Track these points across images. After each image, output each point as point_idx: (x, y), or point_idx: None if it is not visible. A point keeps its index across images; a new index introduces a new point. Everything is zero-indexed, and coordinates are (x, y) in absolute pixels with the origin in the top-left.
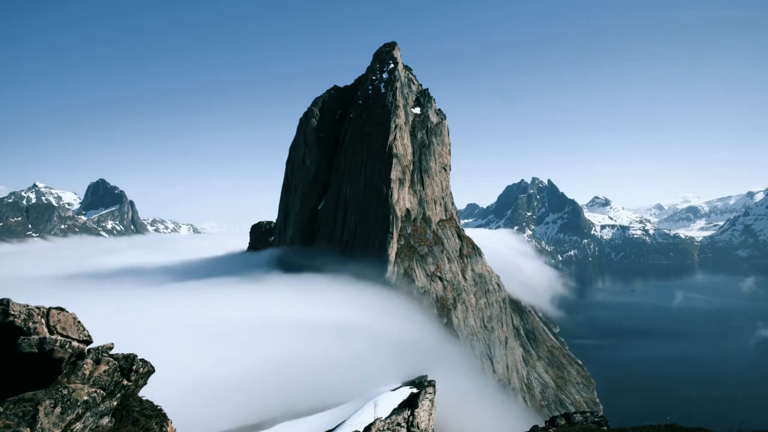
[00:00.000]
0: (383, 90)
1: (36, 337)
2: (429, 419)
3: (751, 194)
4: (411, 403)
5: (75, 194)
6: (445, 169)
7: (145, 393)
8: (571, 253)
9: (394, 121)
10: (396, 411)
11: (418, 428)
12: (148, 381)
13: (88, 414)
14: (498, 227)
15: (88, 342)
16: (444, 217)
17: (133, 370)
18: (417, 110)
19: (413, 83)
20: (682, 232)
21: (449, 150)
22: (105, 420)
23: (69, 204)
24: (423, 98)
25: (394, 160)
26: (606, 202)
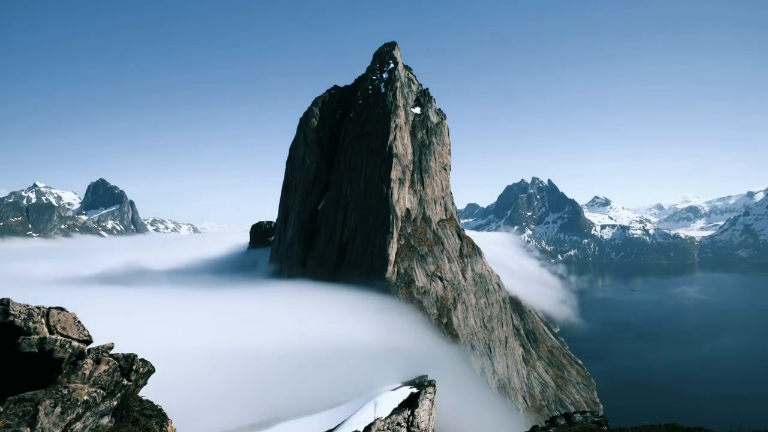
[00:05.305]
0: (383, 90)
1: (36, 336)
2: (429, 419)
3: (751, 194)
4: (411, 403)
5: (75, 194)
6: (445, 169)
7: (145, 393)
8: (571, 253)
9: (394, 121)
10: (396, 411)
11: (418, 428)
12: (148, 381)
13: (88, 414)
14: (498, 227)
15: (88, 342)
16: (444, 217)
17: (133, 369)
18: (417, 110)
19: (413, 83)
20: (682, 232)
21: (449, 150)
22: (105, 420)
23: (69, 204)
24: (423, 98)
25: (394, 160)
26: (606, 202)
